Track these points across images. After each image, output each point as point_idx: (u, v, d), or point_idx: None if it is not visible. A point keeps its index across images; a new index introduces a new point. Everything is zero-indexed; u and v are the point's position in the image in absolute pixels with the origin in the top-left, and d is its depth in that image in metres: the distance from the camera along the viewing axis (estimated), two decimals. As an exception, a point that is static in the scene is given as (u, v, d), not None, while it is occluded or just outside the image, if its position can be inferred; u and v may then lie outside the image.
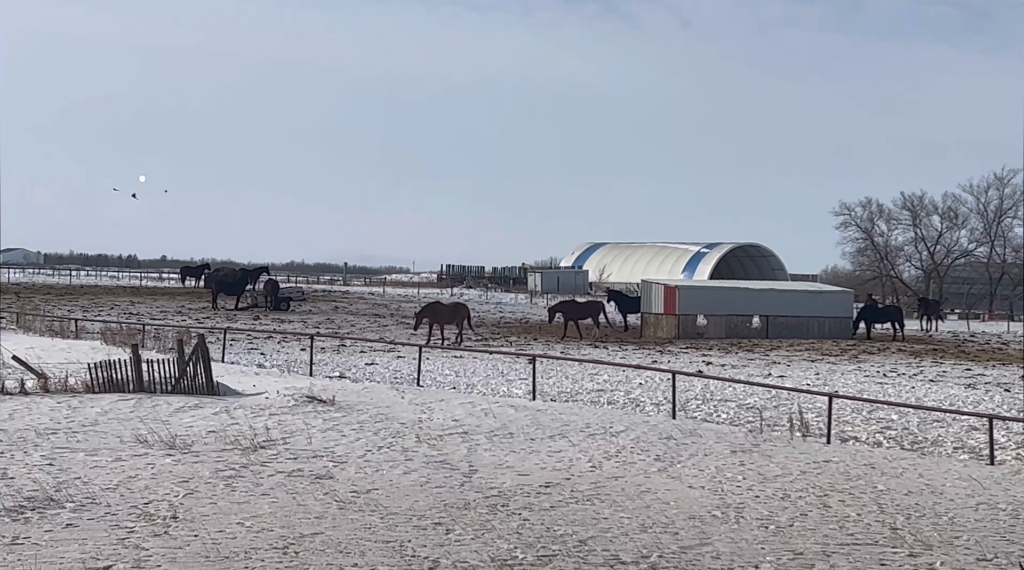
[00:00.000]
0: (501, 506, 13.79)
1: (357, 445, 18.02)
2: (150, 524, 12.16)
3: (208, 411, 20.92)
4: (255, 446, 17.25)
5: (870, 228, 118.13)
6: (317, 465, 16.09)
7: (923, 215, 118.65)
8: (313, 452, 17.17)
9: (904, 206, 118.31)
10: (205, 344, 24.12)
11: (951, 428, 23.24)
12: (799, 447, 19.55)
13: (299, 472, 15.46)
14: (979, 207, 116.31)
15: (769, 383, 30.43)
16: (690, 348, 47.57)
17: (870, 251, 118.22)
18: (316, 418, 20.62)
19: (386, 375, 32.47)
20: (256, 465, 15.83)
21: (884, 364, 41.58)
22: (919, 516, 13.82)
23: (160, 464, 15.60)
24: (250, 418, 20.22)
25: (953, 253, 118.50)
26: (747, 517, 13.49)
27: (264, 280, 69.81)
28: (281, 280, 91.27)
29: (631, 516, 13.42)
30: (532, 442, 19.03)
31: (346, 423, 20.22)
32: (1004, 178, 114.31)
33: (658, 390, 29.41)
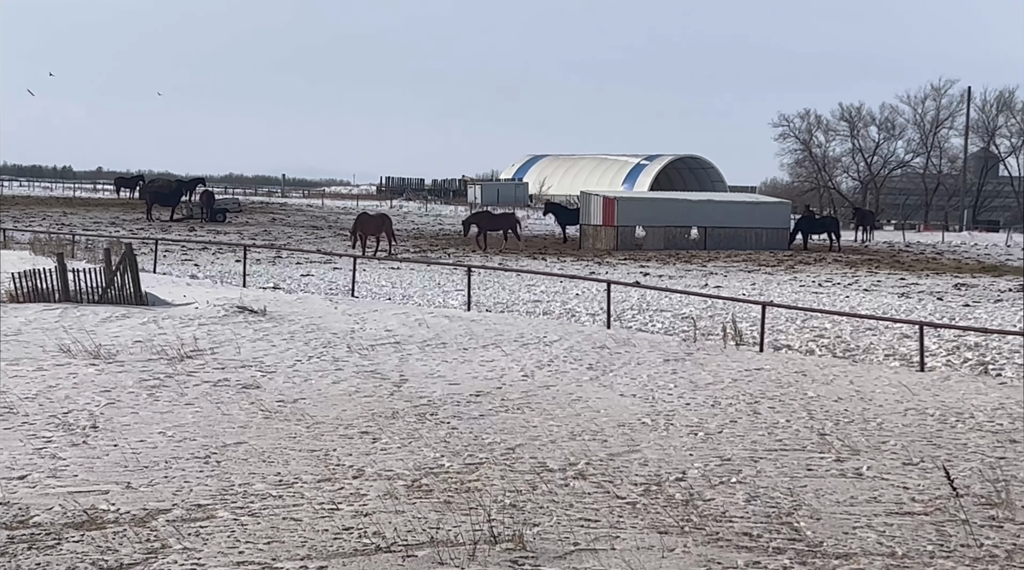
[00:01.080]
0: (430, 415, 13.63)
1: (287, 355, 17.78)
2: (68, 434, 11.88)
3: (135, 321, 20.56)
4: (181, 356, 16.96)
5: (808, 139, 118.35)
6: (244, 375, 15.85)
7: (861, 126, 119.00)
8: (241, 362, 16.91)
9: (842, 117, 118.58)
10: (132, 253, 23.65)
11: (883, 336, 23.35)
12: (732, 356, 19.55)
13: (225, 382, 15.21)
14: (916, 118, 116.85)
15: (705, 293, 30.45)
16: (628, 260, 47.60)
17: (808, 162, 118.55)
18: (246, 328, 20.33)
19: (321, 286, 32.17)
20: (182, 375, 15.56)
21: (820, 274, 41.85)
22: (848, 422, 13.83)
23: (83, 374, 15.28)
24: (178, 328, 19.89)
25: (890, 164, 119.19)
26: (676, 424, 13.43)
27: (200, 191, 68.85)
28: (218, 192, 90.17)
29: (560, 424, 13.31)
30: (465, 352, 18.88)
31: (276, 333, 19.95)
32: (941, 89, 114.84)
33: (595, 301, 29.34)
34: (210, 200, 64.17)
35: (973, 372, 19.02)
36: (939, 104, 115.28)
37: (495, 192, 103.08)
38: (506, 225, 54.10)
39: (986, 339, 22.55)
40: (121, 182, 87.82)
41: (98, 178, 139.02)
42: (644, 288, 30.01)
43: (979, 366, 19.68)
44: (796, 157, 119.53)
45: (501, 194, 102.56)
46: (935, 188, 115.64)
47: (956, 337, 22.95)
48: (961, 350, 21.47)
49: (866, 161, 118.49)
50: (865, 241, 68.40)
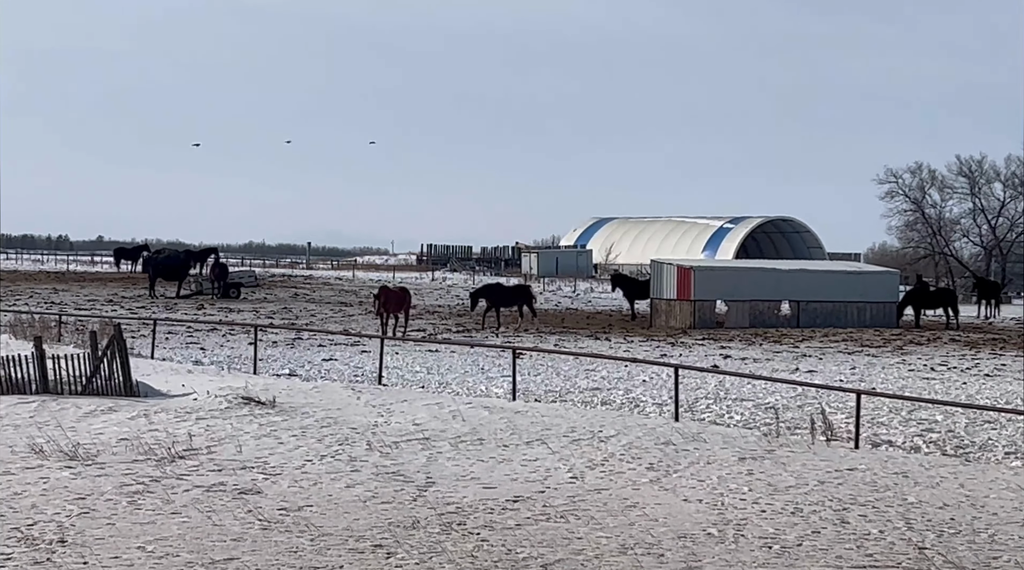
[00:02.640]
0: (457, 524, 13.52)
1: (295, 454, 17.77)
2: (31, 549, 11.88)
3: (123, 415, 20.66)
4: (172, 456, 16.99)
5: (920, 198, 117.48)
6: (244, 478, 15.83)
7: (983, 183, 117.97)
8: (241, 463, 16.91)
9: (960, 172, 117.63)
10: (121, 336, 23.82)
11: (1005, 430, 23.01)
12: (820, 453, 19.29)
13: (220, 486, 15.19)
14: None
15: (793, 379, 30.18)
16: (707, 339, 47.37)
17: (920, 225, 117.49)
18: (251, 423, 20.36)
19: (345, 372, 32.26)
20: (170, 479, 15.57)
21: (933, 356, 41.40)
22: (953, 533, 13.55)
23: (55, 478, 15.33)
24: (171, 423, 19.96)
25: (1018, 227, 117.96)
26: (748, 535, 13.22)
27: (211, 263, 69.53)
28: (233, 263, 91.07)
29: (610, 535, 13.15)
30: (505, 449, 18.77)
31: (285, 428, 19.96)
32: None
33: (664, 388, 29.16)
34: (223, 273, 64.78)
35: (1110, 473, 18.62)
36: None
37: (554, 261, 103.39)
38: (520, 299, 53.98)
39: None
40: (121, 253, 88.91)
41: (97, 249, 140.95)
42: (721, 373, 29.78)
43: (1118, 466, 19.28)
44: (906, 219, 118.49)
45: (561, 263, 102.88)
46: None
47: (1092, 431, 22.53)
48: (1097, 447, 21.06)
49: (989, 223, 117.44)
50: (988, 317, 67.73)
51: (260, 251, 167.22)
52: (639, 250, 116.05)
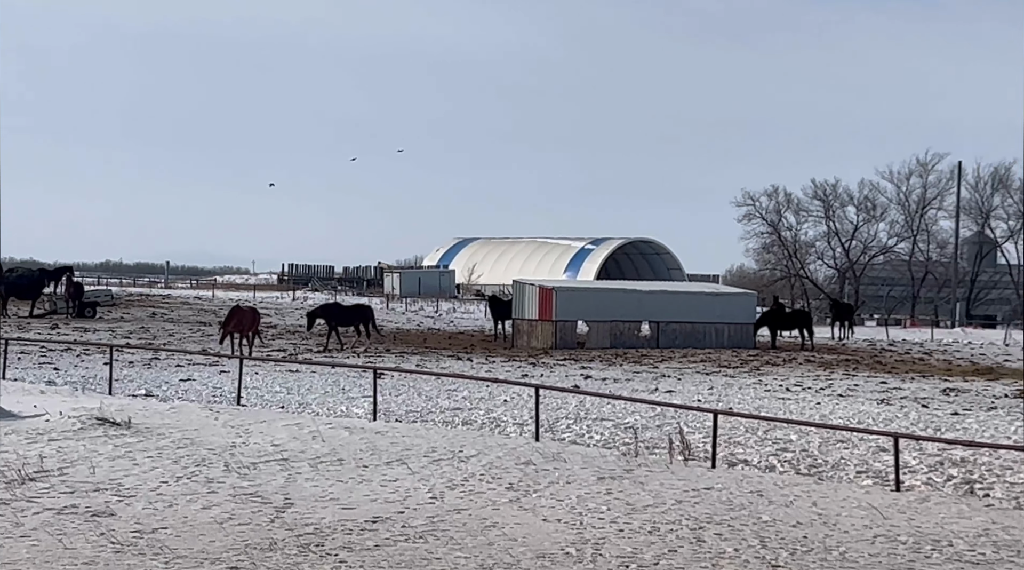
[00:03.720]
0: (315, 546, 13.41)
1: (150, 476, 17.48)
2: None
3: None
4: (23, 478, 16.62)
5: (777, 221, 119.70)
6: (97, 500, 15.53)
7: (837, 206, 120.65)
8: (94, 485, 16.59)
9: (815, 196, 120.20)
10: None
11: (857, 450, 23.44)
12: (678, 472, 19.48)
13: (72, 509, 14.89)
14: (900, 197, 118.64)
15: (652, 399, 30.47)
16: (568, 360, 47.65)
17: (777, 247, 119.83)
18: (105, 444, 19.99)
19: (204, 393, 31.85)
20: (20, 501, 15.22)
21: (789, 377, 42.09)
22: (806, 551, 13.77)
23: (-100, 501, 14.88)
24: (22, 445, 19.52)
25: (871, 250, 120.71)
26: (606, 554, 13.30)
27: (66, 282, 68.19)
28: (89, 282, 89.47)
29: (469, 556, 13.14)
30: (364, 470, 18.67)
31: (141, 450, 19.64)
32: (928, 164, 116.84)
33: (525, 408, 29.23)
34: (78, 292, 63.61)
35: (957, 492, 19.11)
36: (926, 181, 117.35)
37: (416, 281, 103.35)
38: (359, 319, 53.91)
39: (975, 453, 22.69)
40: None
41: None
42: (582, 394, 29.97)
43: (964, 485, 19.79)
44: (763, 241, 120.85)
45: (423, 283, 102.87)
46: (923, 277, 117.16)
47: (941, 451, 23.06)
48: (945, 466, 21.58)
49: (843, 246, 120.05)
50: (842, 338, 69.11)
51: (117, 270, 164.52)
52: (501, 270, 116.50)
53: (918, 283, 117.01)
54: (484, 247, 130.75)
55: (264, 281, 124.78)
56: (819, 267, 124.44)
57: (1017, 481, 20.24)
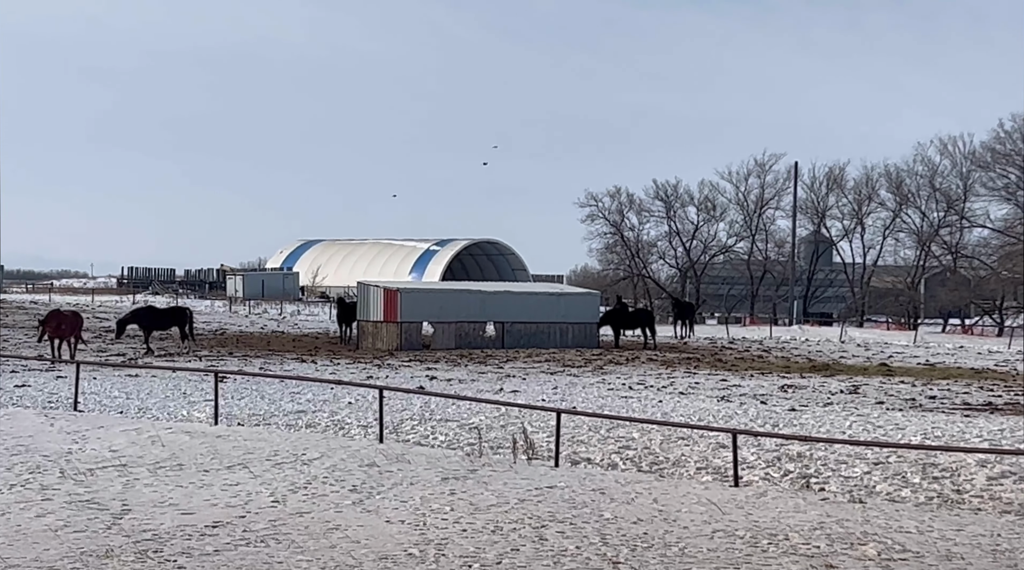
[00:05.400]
0: (153, 552, 13.20)
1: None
2: None
3: None
4: None
5: (620, 221, 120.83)
6: (-75, 510, 15.07)
7: (678, 206, 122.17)
8: (-77, 494, 16.10)
9: (657, 196, 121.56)
10: None
11: (697, 446, 23.77)
12: (522, 472, 19.58)
13: (-101, 520, 14.43)
14: (739, 197, 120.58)
15: (497, 399, 30.57)
16: (413, 361, 47.59)
17: (620, 248, 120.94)
18: (-66, 453, 19.42)
19: (39, 399, 31.09)
20: None
21: (632, 375, 42.56)
22: (646, 547, 13.93)
23: None
24: None
25: (711, 249, 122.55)
26: (449, 555, 13.30)
27: None
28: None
29: (312, 559, 13.05)
30: (205, 474, 18.43)
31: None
32: (765, 164, 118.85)
33: (370, 410, 29.09)
34: (-92, 296, 61.75)
35: (793, 486, 19.50)
36: (764, 181, 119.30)
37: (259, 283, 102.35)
38: (174, 322, 52.84)
39: (811, 448, 23.17)
40: None
41: None
42: (426, 395, 29.94)
43: (800, 479, 20.20)
44: (606, 241, 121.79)
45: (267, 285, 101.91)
46: (762, 276, 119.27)
47: (778, 446, 23.53)
48: (782, 461, 22.01)
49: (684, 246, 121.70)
50: (684, 337, 70.10)
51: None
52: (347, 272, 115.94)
53: (757, 281, 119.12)
54: (329, 249, 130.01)
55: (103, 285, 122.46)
56: (661, 267, 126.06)
57: (851, 475, 20.73)
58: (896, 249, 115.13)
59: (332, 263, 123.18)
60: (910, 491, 19.33)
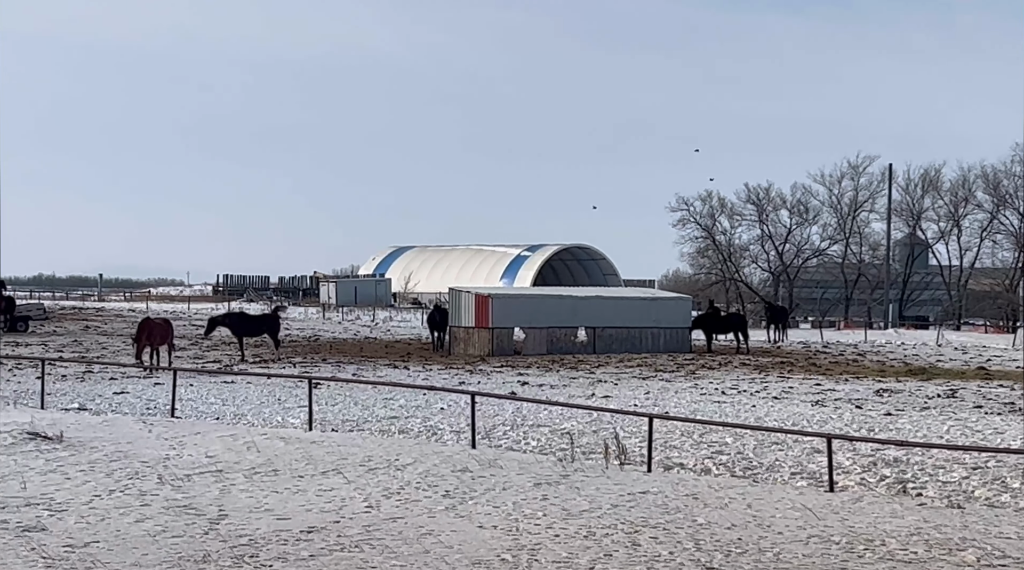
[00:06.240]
0: (250, 557, 13.34)
1: (83, 490, 17.32)
2: None
3: (-100, 454, 19.87)
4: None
5: (711, 225, 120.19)
6: (27, 515, 15.36)
7: (770, 209, 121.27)
8: (25, 499, 16.41)
9: (749, 200, 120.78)
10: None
11: (791, 451, 23.60)
12: (614, 477, 19.54)
13: (3, 524, 14.73)
14: (832, 200, 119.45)
15: (589, 404, 30.53)
16: (505, 366, 47.66)
17: (712, 252, 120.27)
18: (36, 459, 19.79)
19: (137, 406, 31.57)
20: (-50, 518, 15.01)
21: (724, 380, 42.31)
22: (740, 553, 13.84)
23: None
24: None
25: (804, 253, 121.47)
26: (541, 560, 13.31)
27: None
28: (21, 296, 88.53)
29: (405, 564, 13.12)
30: (300, 480, 18.59)
31: (73, 464, 19.45)
32: (859, 166, 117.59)
33: (462, 416, 29.20)
34: (10, 306, 62.91)
35: (890, 492, 19.28)
36: (857, 184, 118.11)
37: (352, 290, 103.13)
38: (265, 328, 53.12)
39: (907, 453, 22.91)
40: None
41: None
42: (518, 400, 29.98)
43: (897, 484, 19.97)
44: (698, 246, 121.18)
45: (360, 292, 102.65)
46: (856, 280, 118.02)
47: (874, 451, 23.28)
48: (878, 466, 21.78)
49: (777, 250, 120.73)
50: (777, 341, 69.56)
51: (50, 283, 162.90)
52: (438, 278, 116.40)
53: (851, 285, 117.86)
54: (420, 255, 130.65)
55: (199, 292, 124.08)
56: (753, 270, 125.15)
57: (949, 480, 20.47)
58: (994, 251, 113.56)
59: (424, 269, 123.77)
60: (1010, 496, 19.02)
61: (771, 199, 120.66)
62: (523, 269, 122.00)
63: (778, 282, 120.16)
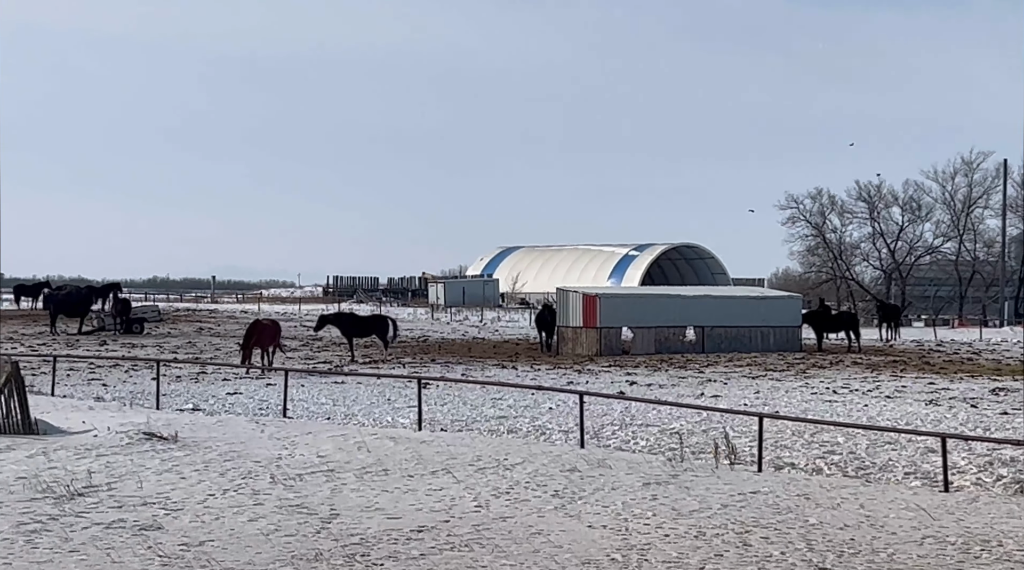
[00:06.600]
0: (361, 556, 13.46)
1: (198, 489, 17.57)
2: (-76, 591, 11.62)
3: (21, 454, 20.29)
4: (71, 494, 16.73)
5: (821, 223, 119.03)
6: (144, 514, 15.62)
7: (881, 207, 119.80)
8: (142, 499, 16.68)
9: (859, 197, 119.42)
10: (19, 372, 23.42)
11: (905, 451, 23.31)
12: (724, 477, 19.43)
13: (120, 523, 14.98)
14: (945, 196, 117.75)
15: (698, 404, 30.38)
16: (613, 366, 47.56)
17: (822, 250, 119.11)
18: (152, 459, 20.10)
19: (250, 406, 31.97)
20: (69, 516, 15.32)
21: (835, 379, 41.87)
22: (853, 553, 13.71)
23: (-50, 518, 15.02)
24: (71, 461, 19.64)
25: (917, 250, 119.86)
26: (651, 560, 13.28)
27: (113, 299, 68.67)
28: (136, 299, 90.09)
29: (515, 563, 13.15)
30: (410, 479, 18.71)
31: (188, 463, 19.74)
32: (973, 162, 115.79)
33: (570, 416, 29.22)
34: (125, 309, 64.03)
35: (1007, 492, 18.97)
36: (971, 180, 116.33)
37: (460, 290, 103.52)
38: (374, 330, 53.36)
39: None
40: (21, 290, 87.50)
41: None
42: (627, 400, 29.92)
43: (1014, 484, 19.63)
44: (808, 244, 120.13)
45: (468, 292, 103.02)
46: (970, 277, 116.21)
47: (990, 451, 22.89)
48: (994, 466, 21.43)
49: (889, 247, 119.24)
50: (889, 340, 68.71)
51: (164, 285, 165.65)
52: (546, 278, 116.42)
53: (965, 283, 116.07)
54: (528, 255, 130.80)
55: (309, 294, 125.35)
56: (865, 269, 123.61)
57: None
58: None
59: (531, 269, 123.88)
60: None
61: (882, 196, 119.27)
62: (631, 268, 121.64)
63: (890, 280, 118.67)
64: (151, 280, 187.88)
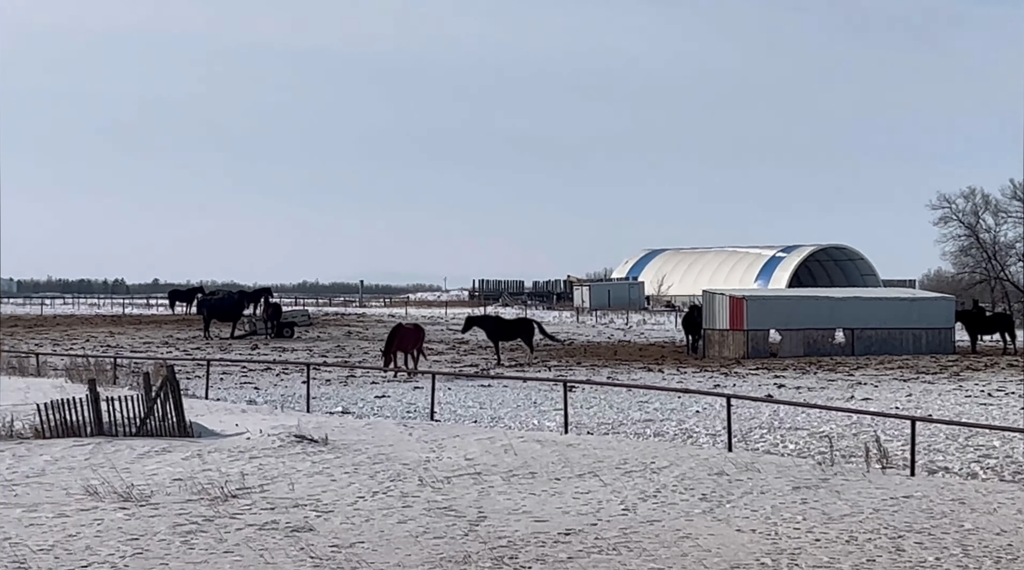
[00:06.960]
0: (509, 558, 13.50)
1: (347, 491, 17.78)
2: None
3: (177, 456, 20.75)
4: (226, 495, 17.03)
5: (975, 223, 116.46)
6: (296, 516, 15.85)
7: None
8: (294, 501, 16.93)
9: (1015, 196, 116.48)
10: (175, 377, 23.95)
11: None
12: (876, 481, 19.12)
13: (273, 524, 15.22)
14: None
15: (848, 407, 29.97)
16: (760, 369, 47.13)
17: (975, 250, 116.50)
18: (303, 461, 20.40)
19: (398, 409, 32.31)
20: (224, 518, 15.60)
21: (991, 382, 41.00)
22: (1011, 559, 13.39)
23: (109, 519, 15.40)
24: (225, 463, 20.03)
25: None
26: (802, 565, 13.12)
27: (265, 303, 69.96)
28: (287, 303, 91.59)
29: (663, 567, 13.10)
30: (557, 482, 18.72)
31: (338, 466, 19.99)
32: None
33: (717, 419, 29.03)
34: (276, 313, 65.18)
35: None
36: None
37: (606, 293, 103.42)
38: (518, 333, 53.43)
39: None
40: (176, 295, 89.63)
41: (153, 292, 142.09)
42: (775, 403, 29.61)
43: None
44: (960, 244, 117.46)
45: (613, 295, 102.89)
46: None
47: None
48: None
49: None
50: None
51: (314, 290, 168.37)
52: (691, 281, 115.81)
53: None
54: (673, 258, 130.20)
55: (455, 297, 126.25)
56: (1020, 269, 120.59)
57: None
58: None
59: (677, 272, 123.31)
60: None
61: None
62: (778, 270, 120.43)
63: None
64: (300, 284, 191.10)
